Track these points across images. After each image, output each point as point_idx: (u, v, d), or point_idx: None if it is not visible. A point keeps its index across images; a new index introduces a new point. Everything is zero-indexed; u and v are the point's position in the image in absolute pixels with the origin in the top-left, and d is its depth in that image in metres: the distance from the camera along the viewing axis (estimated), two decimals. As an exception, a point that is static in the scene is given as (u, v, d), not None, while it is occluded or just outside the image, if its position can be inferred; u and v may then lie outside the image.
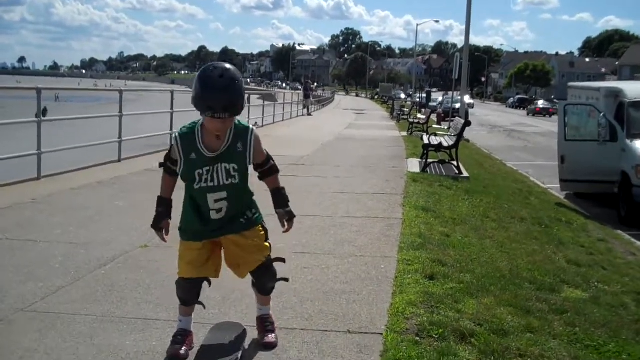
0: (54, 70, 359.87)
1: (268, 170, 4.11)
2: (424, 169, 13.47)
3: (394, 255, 6.53)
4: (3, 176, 10.36)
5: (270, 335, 4.25)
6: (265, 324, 4.29)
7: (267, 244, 4.11)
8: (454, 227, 8.16)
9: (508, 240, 7.97)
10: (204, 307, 4.33)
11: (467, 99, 38.65)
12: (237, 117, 3.83)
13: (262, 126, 27.50)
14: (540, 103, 77.12)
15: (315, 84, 74.04)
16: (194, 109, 3.66)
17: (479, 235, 7.91)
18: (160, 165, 4.15)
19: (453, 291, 5.46)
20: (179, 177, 3.99)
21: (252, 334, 4.32)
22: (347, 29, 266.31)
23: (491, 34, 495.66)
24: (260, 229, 4.09)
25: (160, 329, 4.48)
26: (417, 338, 4.43)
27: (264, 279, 4.16)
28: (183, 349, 3.99)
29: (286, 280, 4.38)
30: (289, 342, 4.32)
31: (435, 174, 13.21)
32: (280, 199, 4.15)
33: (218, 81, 3.56)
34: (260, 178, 4.16)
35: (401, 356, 4.08)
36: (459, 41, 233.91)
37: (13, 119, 14.53)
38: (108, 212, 8.17)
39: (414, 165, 14.41)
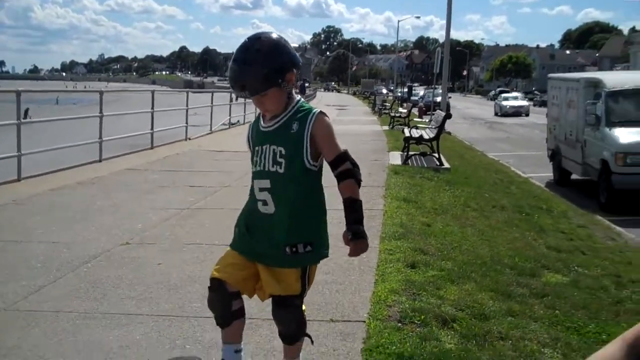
0: (34, 73, 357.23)
1: (340, 173, 3.16)
2: (405, 162, 13.52)
3: (376, 245, 6.55)
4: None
5: None
6: None
7: (298, 283, 3.27)
8: (435, 216, 8.21)
9: (489, 228, 8.04)
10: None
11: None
12: (301, 98, 3.31)
13: (244, 124, 27.47)
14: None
15: (308, 83, 73.48)
16: (175, 107, 3.52)
17: (460, 224, 7.97)
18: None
19: (434, 278, 5.51)
20: None
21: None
22: (328, 26, 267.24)
23: (471, 29, 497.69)
24: (296, 276, 3.26)
25: (143, 323, 4.49)
26: (399, 324, 4.47)
27: (280, 315, 3.36)
28: None
29: (310, 340, 3.55)
30: (272, 332, 4.33)
31: (417, 166, 13.26)
32: (349, 212, 3.21)
33: (234, 57, 3.15)
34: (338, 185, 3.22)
35: (384, 342, 4.12)
36: (440, 36, 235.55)
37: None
38: (89, 211, 8.15)
39: (396, 158, 14.45)
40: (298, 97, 3.28)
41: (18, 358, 3.93)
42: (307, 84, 65.56)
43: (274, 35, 3.19)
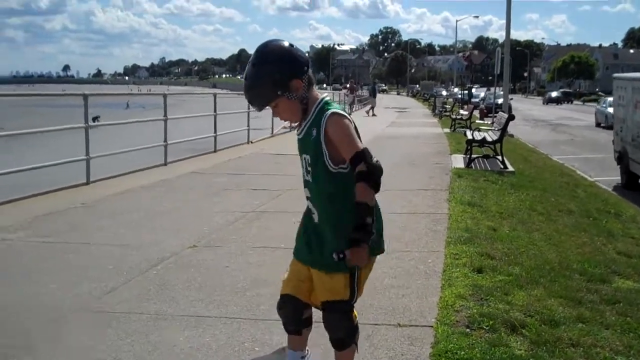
0: (97, 77, 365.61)
1: (356, 175, 3.04)
2: (468, 165, 13.40)
3: (441, 250, 6.53)
4: (54, 182, 10.60)
5: None
6: None
7: (347, 289, 3.22)
8: (501, 221, 8.12)
9: (556, 233, 7.91)
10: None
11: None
12: (327, 97, 3.25)
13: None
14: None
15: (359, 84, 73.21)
16: (236, 110, 3.52)
17: (526, 229, 7.86)
18: None
19: (502, 283, 5.45)
20: None
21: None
22: (385, 27, 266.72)
23: (531, 28, 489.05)
24: (345, 281, 3.22)
25: (212, 325, 4.55)
26: (468, 330, 4.44)
27: (329, 320, 3.33)
28: None
29: (356, 346, 3.45)
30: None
31: (480, 169, 13.13)
32: (356, 216, 3.04)
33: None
34: None
35: (452, 347, 4.10)
36: (499, 36, 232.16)
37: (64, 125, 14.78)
38: (156, 214, 8.30)
39: (458, 160, 14.34)
40: (321, 96, 3.23)
41: (92, 357, 4.04)
42: (378, 87, 64.65)
43: (276, 45, 3.17)
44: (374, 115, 38.19)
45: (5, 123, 30.56)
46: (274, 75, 3.08)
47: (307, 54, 3.36)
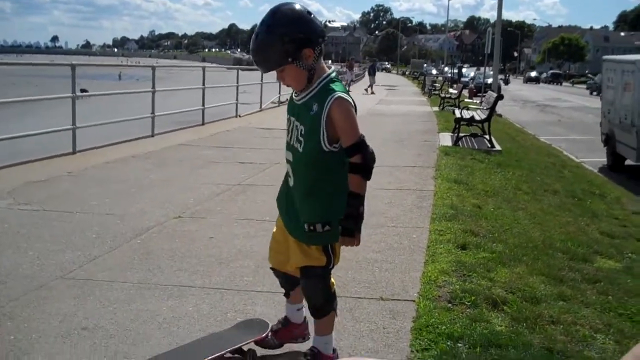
0: (86, 49, 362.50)
1: (351, 165, 3.08)
2: (455, 143, 13.41)
3: (426, 226, 6.55)
4: (40, 151, 10.54)
5: None
6: (305, 355, 3.52)
7: (323, 255, 3.25)
8: (486, 199, 8.14)
9: (541, 212, 7.95)
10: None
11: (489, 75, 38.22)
12: (333, 72, 3.20)
13: (293, 102, 27.52)
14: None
15: (358, 62, 71.74)
16: (225, 84, 3.47)
17: (511, 207, 7.89)
18: None
19: (485, 260, 5.47)
20: None
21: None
22: (377, 5, 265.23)
23: (522, 9, 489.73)
24: (320, 249, 3.24)
25: (195, 295, 4.55)
26: (449, 305, 4.46)
27: (306, 285, 3.34)
28: (269, 337, 3.66)
29: (335, 312, 3.47)
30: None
31: (468, 147, 13.15)
32: (347, 205, 3.10)
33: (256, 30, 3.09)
34: None
35: (433, 322, 4.12)
36: (491, 16, 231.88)
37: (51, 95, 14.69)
38: (142, 185, 8.27)
39: (446, 139, 14.34)
40: (329, 71, 3.18)
41: (74, 324, 4.03)
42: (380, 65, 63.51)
43: (293, 8, 3.05)
44: (372, 93, 38.02)
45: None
46: (288, 41, 2.99)
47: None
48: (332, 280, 3.40)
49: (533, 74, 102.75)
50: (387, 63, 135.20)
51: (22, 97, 16.60)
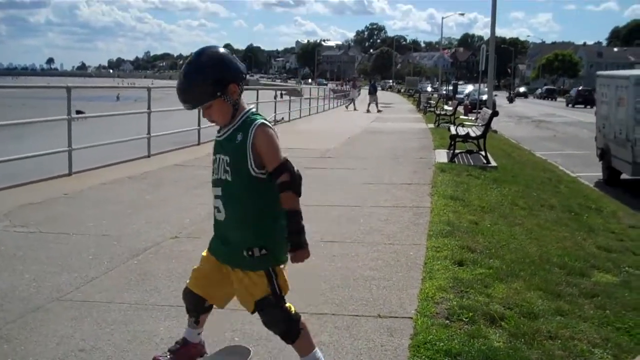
0: (81, 70, 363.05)
1: (279, 185, 3.22)
2: (451, 159, 13.44)
3: (423, 243, 6.56)
4: (37, 173, 10.55)
5: None
6: None
7: (268, 284, 3.32)
8: (483, 215, 8.15)
9: (537, 227, 7.96)
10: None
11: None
12: (253, 109, 3.39)
13: (289, 121, 27.58)
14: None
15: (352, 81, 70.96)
16: None
17: (508, 223, 7.90)
18: None
19: (482, 276, 5.47)
20: None
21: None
22: (371, 24, 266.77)
23: (516, 26, 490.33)
24: (263, 276, 3.32)
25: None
26: (447, 321, 4.46)
27: (266, 321, 3.41)
28: (169, 357, 3.68)
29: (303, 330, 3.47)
30: (320, 326, 4.37)
31: (463, 164, 13.17)
32: (289, 224, 3.24)
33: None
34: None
35: (431, 338, 4.11)
36: (485, 34, 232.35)
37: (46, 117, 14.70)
38: (138, 205, 8.27)
39: (442, 155, 14.37)
40: (248, 107, 3.37)
41: (71, 346, 4.02)
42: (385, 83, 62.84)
43: (218, 50, 3.32)
44: (368, 111, 38.05)
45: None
46: (216, 77, 3.21)
47: (292, 49, 3.40)
48: (288, 304, 3.40)
49: (522, 89, 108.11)
50: (390, 81, 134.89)
51: (18, 119, 16.63)
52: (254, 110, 3.39)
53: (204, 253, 3.61)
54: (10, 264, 5.74)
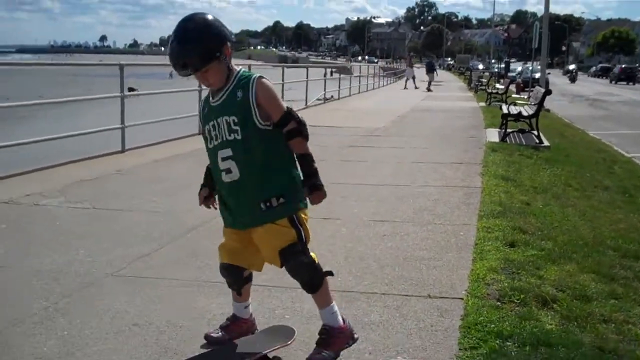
0: (133, 48, 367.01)
1: (288, 132, 3.33)
2: (503, 139, 13.27)
3: (474, 223, 6.50)
4: (91, 150, 10.74)
5: (317, 355, 3.48)
6: (320, 334, 3.55)
7: (291, 229, 3.37)
8: (535, 195, 8.04)
9: (591, 209, 7.82)
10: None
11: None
12: (241, 68, 3.46)
13: (339, 99, 27.54)
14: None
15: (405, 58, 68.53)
16: (271, 81, 3.57)
17: (560, 204, 7.77)
18: None
19: (534, 258, 5.40)
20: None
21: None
22: (422, 1, 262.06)
23: (570, 2, 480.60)
24: (287, 224, 3.37)
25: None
26: (498, 303, 4.42)
27: (289, 267, 3.43)
28: (220, 333, 3.76)
29: (330, 274, 3.56)
30: (369, 305, 4.38)
31: (515, 143, 13.00)
32: (302, 167, 3.39)
33: (172, 38, 3.30)
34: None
35: (482, 320, 4.08)
36: (538, 10, 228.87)
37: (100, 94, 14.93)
38: (189, 183, 8.31)
39: (493, 134, 14.21)
40: (238, 68, 3.46)
41: (125, 321, 4.09)
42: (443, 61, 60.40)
43: (207, 15, 3.36)
44: (430, 90, 37.47)
45: (44, 92, 30.96)
46: (214, 38, 3.28)
47: (342, 26, 3.43)
48: (313, 253, 3.45)
49: (571, 67, 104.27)
50: (449, 59, 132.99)
51: (72, 96, 16.91)
52: (244, 69, 3.47)
53: (225, 230, 3.67)
54: (65, 239, 5.86)
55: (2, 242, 5.75)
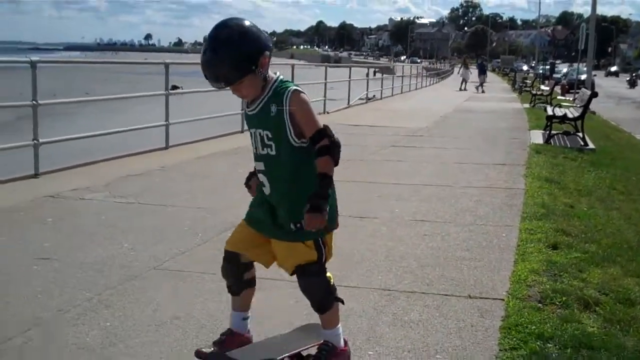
0: (178, 46, 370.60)
1: (319, 149, 3.08)
2: (547, 141, 13.13)
3: (516, 225, 6.45)
4: (135, 146, 10.91)
5: None
6: (320, 349, 3.42)
7: (313, 250, 3.23)
8: (579, 198, 7.94)
9: (636, 212, 7.69)
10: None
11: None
12: (281, 75, 3.22)
13: (381, 99, 27.49)
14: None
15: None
16: (315, 81, 3.47)
17: (605, 207, 7.67)
18: None
19: (577, 260, 5.34)
20: None
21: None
22: (466, 1, 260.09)
23: (617, 3, 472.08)
24: (311, 244, 3.23)
25: (282, 288, 4.56)
26: (540, 305, 4.38)
27: (303, 287, 3.33)
28: (213, 350, 3.52)
29: (341, 301, 3.42)
30: (409, 304, 4.38)
31: (559, 145, 12.84)
32: (318, 186, 3.08)
33: (204, 47, 3.10)
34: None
35: (523, 321, 4.05)
36: (585, 11, 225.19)
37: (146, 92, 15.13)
38: (232, 179, 8.39)
39: (537, 136, 14.06)
40: (276, 75, 3.21)
41: (167, 314, 4.15)
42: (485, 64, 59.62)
43: (243, 22, 3.10)
44: (483, 92, 37.01)
45: (91, 89, 31.44)
46: (250, 48, 3.03)
47: (385, 27, 3.33)
48: (329, 274, 3.35)
49: (613, 68, 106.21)
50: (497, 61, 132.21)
51: (118, 94, 17.15)
52: (282, 77, 3.22)
53: (242, 222, 3.50)
54: (110, 233, 5.96)
55: (49, 235, 5.87)
